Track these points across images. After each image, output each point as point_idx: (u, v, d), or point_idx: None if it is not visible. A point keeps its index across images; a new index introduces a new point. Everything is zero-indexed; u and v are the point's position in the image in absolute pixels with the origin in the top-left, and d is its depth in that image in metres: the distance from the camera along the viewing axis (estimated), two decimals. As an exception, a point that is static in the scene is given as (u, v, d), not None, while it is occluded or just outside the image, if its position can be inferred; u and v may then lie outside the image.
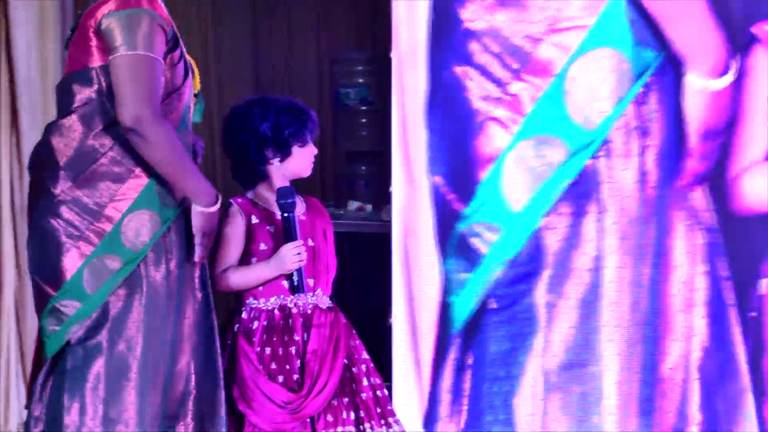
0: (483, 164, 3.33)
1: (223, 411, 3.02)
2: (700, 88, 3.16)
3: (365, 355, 3.37)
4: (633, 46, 3.14)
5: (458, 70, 3.39)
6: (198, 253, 2.95)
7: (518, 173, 3.24)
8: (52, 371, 2.88)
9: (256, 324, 3.25)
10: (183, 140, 2.94)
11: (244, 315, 3.27)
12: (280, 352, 3.22)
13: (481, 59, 3.27)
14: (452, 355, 3.44)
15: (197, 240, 2.93)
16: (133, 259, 2.85)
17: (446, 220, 3.45)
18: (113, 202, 2.85)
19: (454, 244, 3.29)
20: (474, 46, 3.32)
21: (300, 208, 3.34)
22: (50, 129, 2.93)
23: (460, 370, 3.49)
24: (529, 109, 3.22)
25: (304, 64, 5.50)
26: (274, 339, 3.23)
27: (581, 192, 3.26)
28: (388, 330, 3.89)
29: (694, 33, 3.19)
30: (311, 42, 5.49)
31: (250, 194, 3.35)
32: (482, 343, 3.29)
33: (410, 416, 3.69)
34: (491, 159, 3.30)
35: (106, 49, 2.82)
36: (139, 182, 2.86)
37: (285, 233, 3.23)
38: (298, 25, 5.54)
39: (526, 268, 3.19)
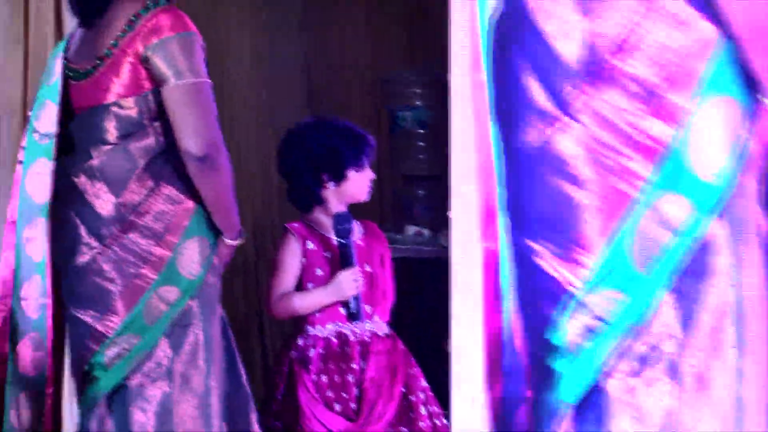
0: (604, 223, 3.11)
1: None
2: None
3: (423, 383, 3.36)
4: (743, 92, 3.00)
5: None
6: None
7: (646, 232, 3.04)
8: (110, 408, 2.89)
9: (312, 351, 3.23)
10: None
11: (300, 342, 3.26)
12: (337, 380, 3.21)
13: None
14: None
15: (219, 270, 2.98)
16: (190, 287, 2.86)
17: (549, 283, 3.22)
18: (167, 233, 2.86)
19: (562, 311, 3.06)
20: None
21: (357, 233, 3.32)
22: (93, 158, 2.88)
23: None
24: (656, 162, 3.06)
25: (358, 85, 5.49)
26: (331, 366, 3.22)
27: (709, 251, 3.08)
28: (446, 357, 3.84)
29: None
30: (365, 62, 5.48)
31: (305, 219, 3.33)
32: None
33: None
34: (611, 217, 3.09)
35: (157, 77, 2.80)
36: (189, 209, 2.88)
37: (342, 259, 3.22)
38: (351, 44, 5.53)
39: (653, 337, 2.99)
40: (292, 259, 3.27)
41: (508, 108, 3.12)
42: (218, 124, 2.83)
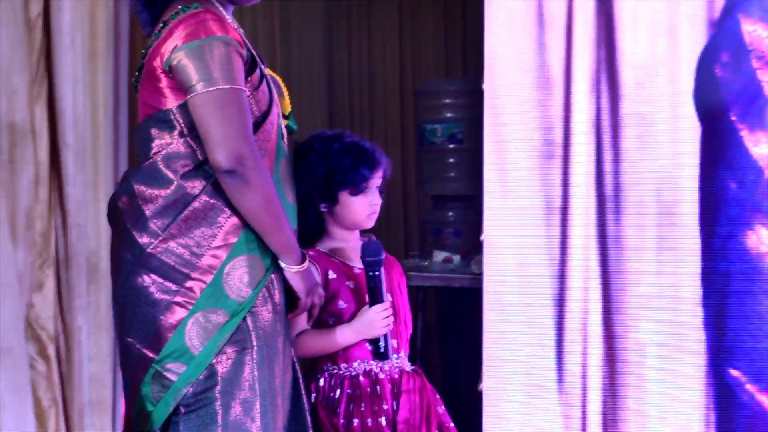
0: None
1: None
2: None
3: (451, 424, 3.29)
4: None
5: None
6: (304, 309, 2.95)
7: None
8: None
9: (338, 392, 3.16)
10: (284, 171, 2.92)
11: (322, 383, 3.18)
12: (371, 424, 3.14)
13: None
14: None
15: (303, 303, 2.92)
16: (239, 310, 2.77)
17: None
18: (212, 250, 2.78)
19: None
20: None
21: (374, 260, 3.25)
22: (131, 175, 2.85)
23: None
24: None
25: (386, 95, 5.44)
26: (362, 409, 3.15)
27: None
28: (478, 396, 3.80)
29: None
30: (394, 72, 5.44)
31: (322, 245, 3.27)
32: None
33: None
34: None
35: (181, 87, 2.75)
36: (236, 226, 2.78)
37: (371, 294, 3.15)
38: (380, 54, 5.50)
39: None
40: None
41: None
42: (249, 134, 2.75)
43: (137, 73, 2.93)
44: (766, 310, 3.20)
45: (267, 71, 2.98)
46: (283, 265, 2.85)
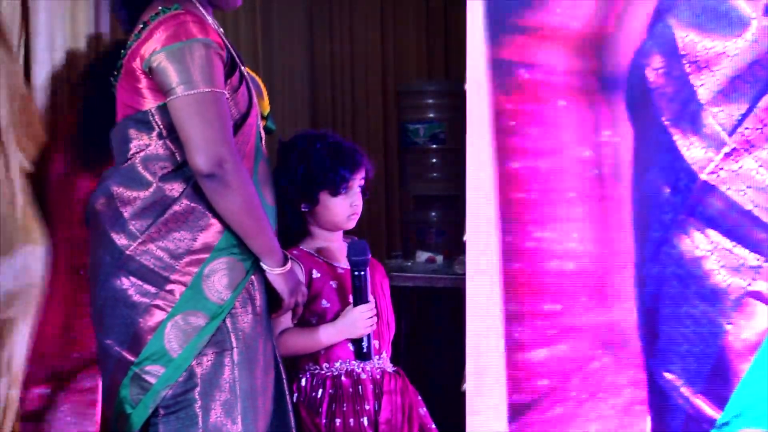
0: (739, 352, 3.25)
1: None
2: None
3: (432, 426, 3.31)
4: None
5: None
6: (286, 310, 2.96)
7: None
8: None
9: (320, 392, 3.17)
10: (263, 173, 2.93)
11: (303, 383, 3.19)
12: (352, 424, 3.15)
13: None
14: None
15: (287, 303, 2.92)
16: (219, 313, 2.78)
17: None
18: (191, 253, 2.79)
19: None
20: None
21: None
22: (109, 177, 2.85)
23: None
24: None
25: (368, 95, 5.45)
26: (344, 409, 3.17)
27: None
28: (461, 397, 3.81)
29: None
30: (376, 72, 5.45)
31: (306, 245, 3.29)
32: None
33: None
34: (749, 344, 3.22)
35: (161, 90, 2.75)
36: (216, 229, 2.79)
37: (355, 294, 3.16)
38: (362, 54, 5.51)
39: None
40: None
41: None
42: (229, 137, 2.75)
43: (116, 73, 2.91)
44: (701, 314, 3.25)
45: (246, 71, 2.97)
46: (265, 267, 2.86)
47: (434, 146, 4.98)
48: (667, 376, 3.27)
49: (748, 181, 3.16)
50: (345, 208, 3.24)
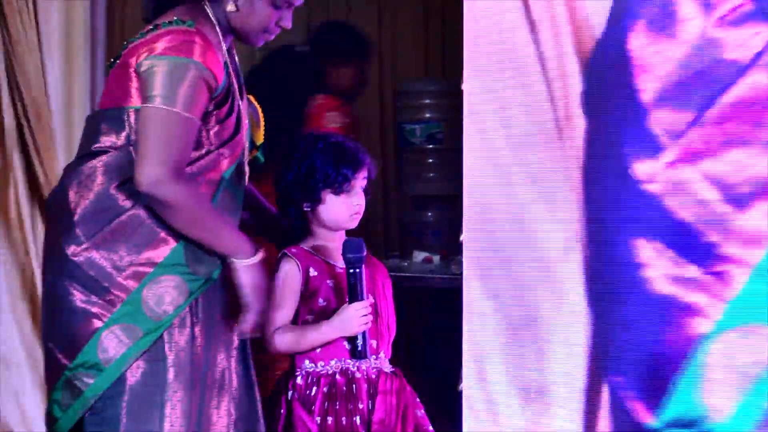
0: (674, 360, 3.27)
1: None
2: None
3: (429, 428, 3.30)
4: None
5: None
6: (249, 321, 2.88)
7: (721, 372, 3.18)
8: None
9: (314, 390, 3.17)
10: (224, 201, 2.88)
11: (299, 380, 3.19)
12: (344, 422, 3.15)
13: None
14: None
15: (247, 299, 2.87)
16: (156, 329, 2.77)
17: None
18: (134, 266, 2.77)
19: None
20: None
21: (357, 260, 3.27)
22: (68, 174, 2.84)
23: None
24: (734, 291, 3.18)
25: (365, 95, 5.45)
26: (337, 407, 3.17)
27: None
28: (458, 396, 3.82)
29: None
30: (374, 72, 5.45)
31: (305, 243, 3.30)
32: None
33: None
34: (683, 353, 3.23)
35: (142, 92, 2.75)
36: (165, 246, 2.78)
37: (350, 291, 3.16)
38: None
39: None
40: (291, 288, 3.21)
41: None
42: (176, 160, 2.71)
43: (113, 60, 2.91)
44: (647, 320, 3.27)
45: (246, 101, 2.98)
46: (234, 262, 2.84)
47: (431, 146, 4.99)
48: (614, 378, 3.36)
49: (690, 194, 3.18)
50: (348, 207, 3.24)
